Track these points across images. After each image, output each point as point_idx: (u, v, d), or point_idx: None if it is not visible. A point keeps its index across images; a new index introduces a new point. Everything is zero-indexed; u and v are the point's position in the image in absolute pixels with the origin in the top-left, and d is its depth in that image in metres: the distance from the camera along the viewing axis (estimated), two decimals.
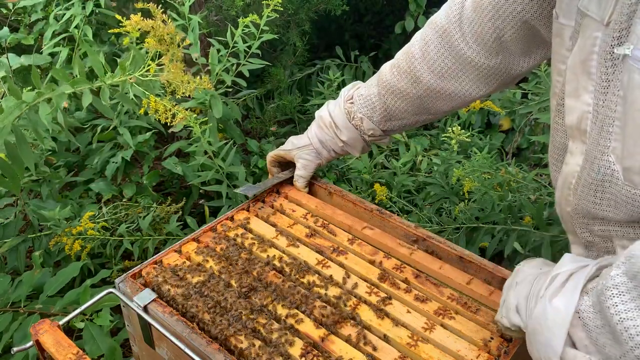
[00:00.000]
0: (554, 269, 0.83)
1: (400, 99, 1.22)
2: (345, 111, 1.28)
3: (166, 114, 1.59)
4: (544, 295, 0.81)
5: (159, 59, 1.56)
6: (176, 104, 1.69)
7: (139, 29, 1.47)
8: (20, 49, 2.75)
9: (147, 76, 1.58)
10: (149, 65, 1.57)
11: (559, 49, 0.87)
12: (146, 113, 1.61)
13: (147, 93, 1.60)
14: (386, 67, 1.24)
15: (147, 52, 1.58)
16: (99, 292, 1.10)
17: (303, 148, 1.32)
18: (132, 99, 1.66)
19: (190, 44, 2.30)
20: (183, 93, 1.57)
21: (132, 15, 1.48)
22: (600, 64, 0.76)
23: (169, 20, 1.52)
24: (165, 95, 1.62)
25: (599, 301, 0.72)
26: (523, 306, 0.86)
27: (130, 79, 1.57)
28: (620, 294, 0.69)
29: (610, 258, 0.81)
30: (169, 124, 1.62)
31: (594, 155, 0.79)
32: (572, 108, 0.83)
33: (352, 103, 1.27)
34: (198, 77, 1.64)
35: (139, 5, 1.55)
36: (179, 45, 1.52)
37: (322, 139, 1.31)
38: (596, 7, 0.76)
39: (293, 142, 1.34)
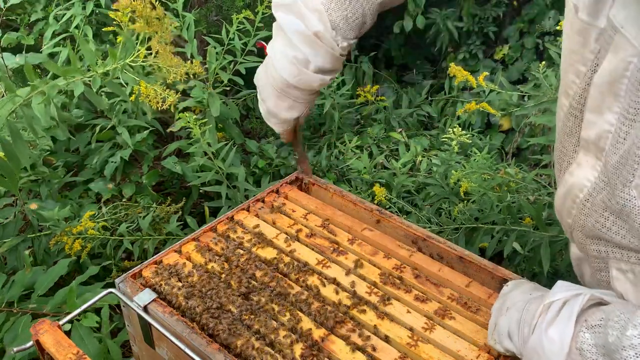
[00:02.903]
0: (547, 296, 0.83)
1: (377, 11, 1.12)
2: (339, 52, 1.10)
3: (157, 98, 1.57)
4: (539, 324, 0.81)
5: (148, 43, 1.54)
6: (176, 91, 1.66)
7: (127, 12, 1.45)
8: (20, 49, 2.75)
9: (137, 62, 1.57)
10: (138, 50, 1.56)
11: (581, 49, 0.79)
12: (144, 112, 1.61)
13: (137, 79, 1.59)
14: None
15: (137, 37, 1.56)
16: (98, 292, 1.10)
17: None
18: (122, 85, 1.64)
19: (186, 41, 2.30)
20: (174, 78, 1.55)
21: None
22: (631, 92, 0.71)
23: (157, 3, 1.50)
24: (157, 81, 1.61)
25: (609, 351, 0.72)
26: (515, 332, 0.86)
27: (120, 65, 1.55)
28: (637, 356, 0.69)
29: (605, 292, 0.82)
30: (159, 109, 1.60)
31: (614, 183, 0.76)
32: (592, 123, 0.79)
33: (334, 30, 1.08)
34: (188, 61, 1.62)
35: None
36: (167, 28, 1.50)
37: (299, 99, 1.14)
38: (634, 28, 0.69)
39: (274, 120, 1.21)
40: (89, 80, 1.60)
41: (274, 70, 1.10)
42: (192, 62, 1.60)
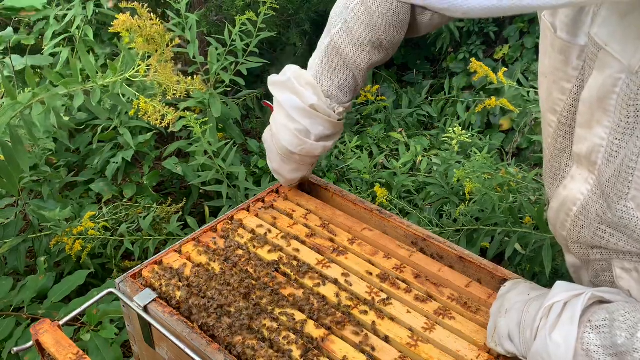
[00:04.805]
0: (547, 298, 0.83)
1: (367, 72, 1.16)
2: (337, 118, 1.16)
3: (156, 115, 1.58)
4: (541, 327, 0.80)
5: (149, 59, 1.55)
6: (175, 105, 1.68)
7: (126, 29, 1.46)
8: (20, 49, 2.75)
9: (137, 77, 1.58)
10: (138, 65, 1.57)
11: (563, 67, 0.81)
12: (137, 114, 1.62)
13: (137, 94, 1.60)
14: (347, 47, 1.11)
15: (138, 53, 1.57)
16: (106, 298, 1.10)
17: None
18: (123, 99, 1.66)
19: (188, 42, 2.31)
20: (174, 94, 1.56)
21: (119, 15, 1.46)
22: (622, 107, 0.71)
23: (157, 20, 1.51)
24: (156, 97, 1.62)
25: (619, 353, 0.72)
26: (516, 334, 0.86)
27: (120, 79, 1.57)
28: None
29: (604, 290, 0.81)
30: (158, 126, 1.62)
31: (609, 196, 0.76)
32: (582, 138, 0.80)
33: (329, 98, 1.14)
34: (190, 77, 1.63)
35: (123, 4, 1.53)
36: (167, 45, 1.51)
37: (302, 162, 1.21)
38: (619, 46, 0.69)
39: (285, 178, 1.26)
40: (90, 89, 1.62)
41: (278, 141, 1.17)
42: (192, 78, 1.62)
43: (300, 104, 1.12)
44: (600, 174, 0.79)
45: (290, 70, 1.15)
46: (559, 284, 0.85)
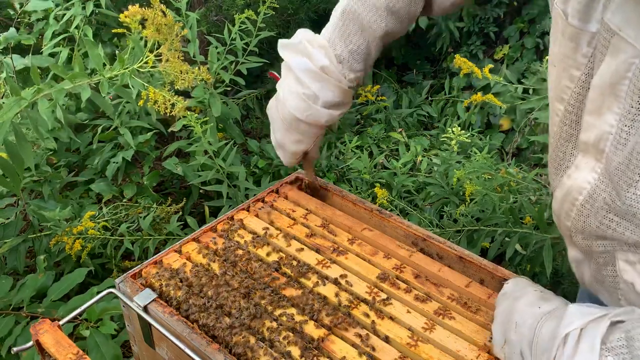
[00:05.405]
0: (562, 324, 0.79)
1: (380, 42, 1.16)
2: (348, 85, 1.13)
3: (165, 104, 1.59)
4: (559, 357, 0.77)
5: (157, 50, 1.56)
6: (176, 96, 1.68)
7: (137, 19, 1.47)
8: (19, 49, 2.75)
9: (145, 68, 1.58)
10: (147, 56, 1.57)
11: (573, 54, 0.81)
12: (147, 113, 1.62)
13: (145, 85, 1.60)
14: (363, 12, 1.10)
15: (145, 44, 1.58)
16: (106, 296, 1.10)
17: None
18: (131, 91, 1.66)
19: (188, 41, 2.31)
20: (182, 84, 1.57)
21: (130, 6, 1.47)
22: (633, 92, 0.72)
23: (167, 10, 1.52)
24: (164, 87, 1.62)
25: None
26: (528, 355, 0.83)
27: (128, 70, 1.57)
28: None
29: (621, 312, 0.79)
30: (168, 114, 1.62)
31: (618, 183, 0.76)
32: (591, 125, 0.80)
33: (340, 63, 1.12)
34: (197, 67, 1.64)
35: None
36: (177, 35, 1.52)
37: (306, 133, 1.17)
38: (634, 31, 0.69)
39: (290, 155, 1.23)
40: (95, 84, 1.61)
41: (283, 107, 1.15)
42: (199, 68, 1.62)
43: (311, 65, 1.10)
44: (608, 161, 0.78)
45: (302, 33, 1.13)
46: (573, 309, 0.81)
